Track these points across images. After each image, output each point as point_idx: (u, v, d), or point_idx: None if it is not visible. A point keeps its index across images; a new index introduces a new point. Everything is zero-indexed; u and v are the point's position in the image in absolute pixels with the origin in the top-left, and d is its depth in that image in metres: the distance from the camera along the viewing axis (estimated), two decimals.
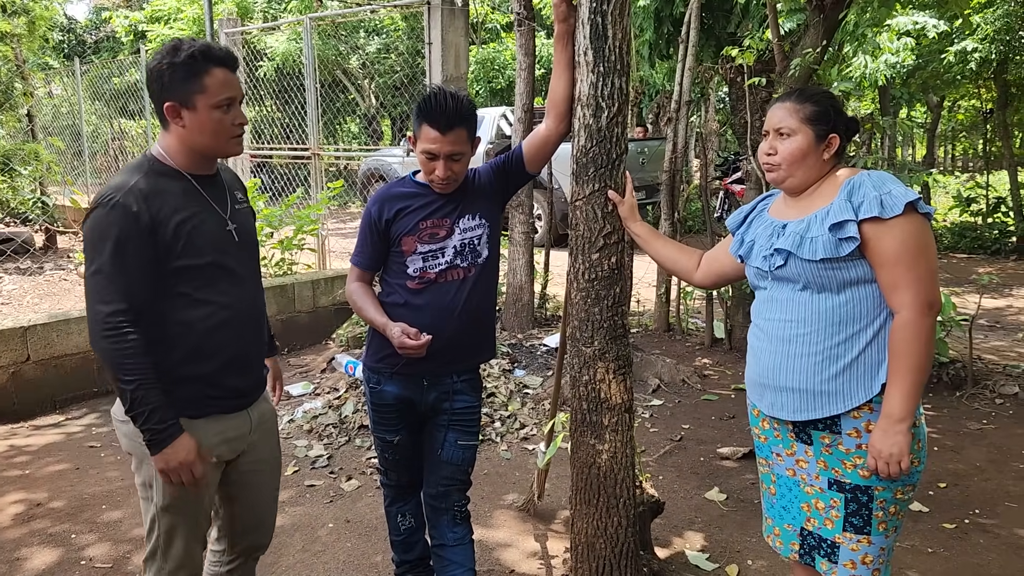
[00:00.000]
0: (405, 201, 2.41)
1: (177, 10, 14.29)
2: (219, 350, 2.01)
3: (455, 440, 2.51)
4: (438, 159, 2.31)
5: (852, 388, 1.89)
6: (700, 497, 3.63)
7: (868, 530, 1.92)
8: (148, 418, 1.86)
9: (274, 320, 5.95)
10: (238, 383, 2.08)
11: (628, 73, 2.48)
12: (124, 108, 12.63)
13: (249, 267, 2.12)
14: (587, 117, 2.47)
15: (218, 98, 1.91)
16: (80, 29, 21.67)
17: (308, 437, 4.31)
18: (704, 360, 5.77)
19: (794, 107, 1.98)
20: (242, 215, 2.12)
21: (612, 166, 2.49)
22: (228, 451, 2.09)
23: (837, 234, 1.85)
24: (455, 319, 2.39)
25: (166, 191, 1.92)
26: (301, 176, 8.69)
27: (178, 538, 2.03)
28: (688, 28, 5.92)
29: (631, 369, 2.66)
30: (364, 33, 14.27)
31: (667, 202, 6.10)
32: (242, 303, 2.05)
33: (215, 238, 2.00)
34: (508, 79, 14.67)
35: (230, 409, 2.07)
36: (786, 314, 1.98)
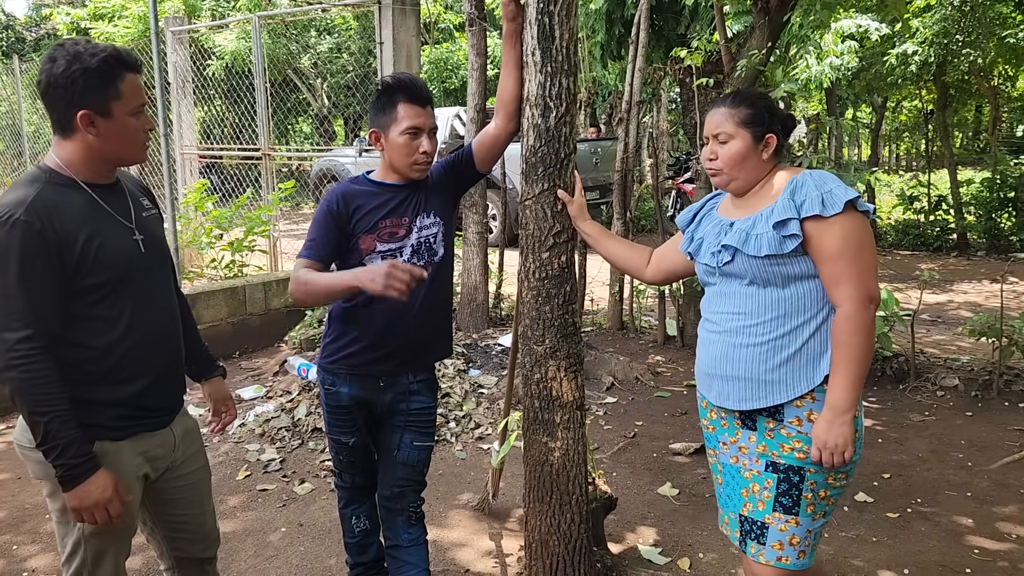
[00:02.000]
0: (363, 199, 2.38)
1: (122, 7, 13.98)
2: (136, 369, 1.91)
3: (411, 441, 2.51)
4: (422, 133, 2.31)
5: (795, 378, 1.95)
6: (653, 492, 3.68)
7: (796, 511, 1.98)
8: (62, 453, 1.74)
9: (225, 323, 5.86)
10: (158, 401, 1.99)
11: (576, 73, 2.50)
12: None
13: (161, 278, 2.03)
14: (535, 117, 2.49)
15: (133, 104, 1.86)
16: (19, 26, 21.05)
17: (260, 441, 4.25)
18: (657, 357, 5.83)
19: (729, 112, 2.04)
20: (150, 223, 2.03)
21: (561, 165, 2.51)
22: (152, 469, 2.01)
23: (781, 231, 1.91)
24: (413, 318, 2.37)
25: (68, 205, 1.81)
26: (252, 177, 8.57)
27: (107, 561, 1.96)
28: (638, 30, 5.97)
29: (582, 367, 2.68)
30: (315, 32, 14.13)
31: (619, 201, 6.16)
32: (156, 317, 1.97)
33: (122, 252, 1.89)
34: (461, 79, 14.65)
35: (152, 428, 1.98)
36: (733, 307, 2.04)
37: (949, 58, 9.88)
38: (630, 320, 6.54)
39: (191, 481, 2.14)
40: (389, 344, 2.36)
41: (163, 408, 2.02)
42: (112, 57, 1.82)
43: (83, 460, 1.77)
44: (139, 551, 3.06)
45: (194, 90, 8.96)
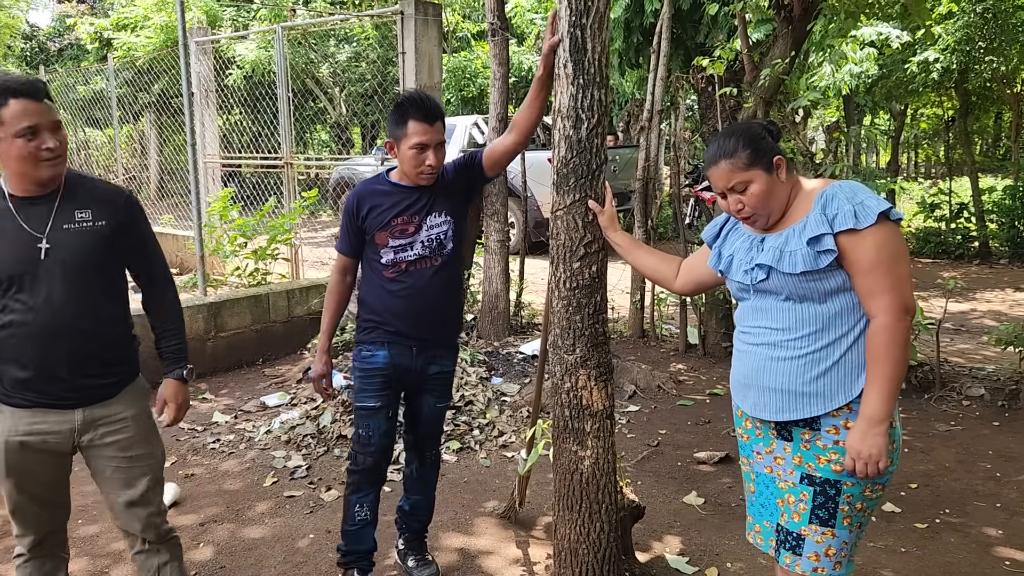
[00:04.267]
0: (379, 199, 2.70)
1: (144, 18, 14.13)
2: (17, 357, 2.14)
3: (434, 403, 2.88)
4: (429, 148, 2.59)
5: (833, 390, 1.95)
6: (678, 501, 3.68)
7: (833, 523, 1.98)
8: None
9: (249, 330, 5.91)
10: (46, 387, 2.18)
11: (607, 85, 2.53)
12: (90, 117, 12.46)
13: (63, 284, 2.15)
14: (567, 128, 2.51)
15: (16, 128, 2.04)
16: (43, 36, 21.32)
17: (286, 448, 4.28)
18: (679, 366, 5.83)
19: (731, 163, 2.00)
20: (71, 234, 2.17)
21: (592, 176, 2.54)
22: (43, 442, 2.21)
23: (815, 247, 1.91)
24: (428, 301, 2.71)
25: None
26: (271, 185, 8.64)
27: (6, 498, 2.24)
28: (659, 38, 5.99)
29: (612, 376, 2.70)
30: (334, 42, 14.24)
31: (640, 209, 6.17)
32: (45, 317, 2.13)
33: (13, 255, 2.11)
34: (479, 87, 14.70)
35: (39, 405, 2.19)
36: (770, 322, 2.04)
37: (971, 65, 9.83)
38: (651, 328, 6.54)
39: (108, 465, 2.31)
40: (414, 320, 2.72)
41: (53, 394, 2.20)
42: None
43: None
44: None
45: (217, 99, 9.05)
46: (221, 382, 5.53)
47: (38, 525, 2.30)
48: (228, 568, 3.14)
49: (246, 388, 5.38)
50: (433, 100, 2.63)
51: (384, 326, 2.73)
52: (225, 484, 3.90)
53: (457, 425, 4.51)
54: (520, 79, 14.25)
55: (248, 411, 4.91)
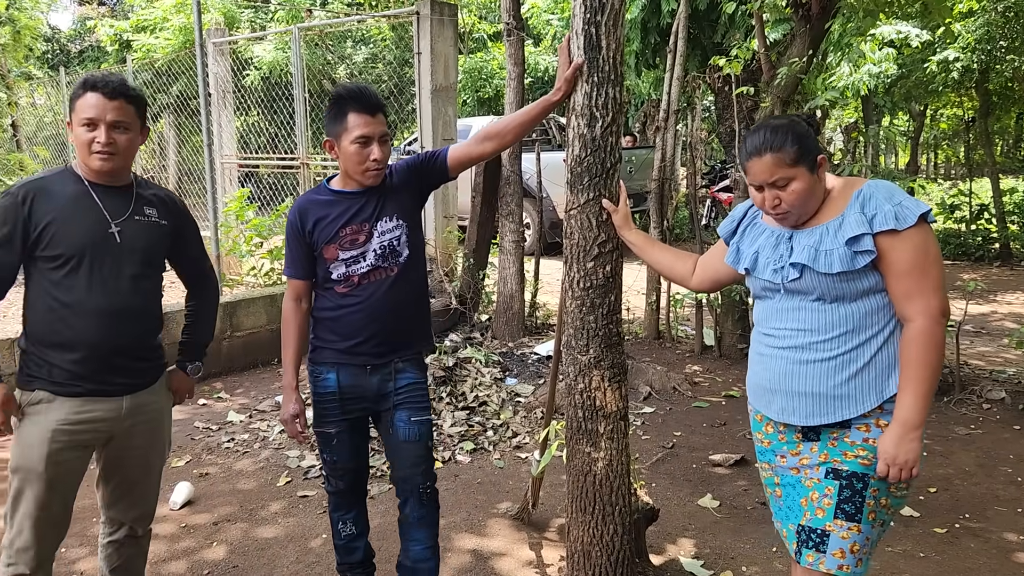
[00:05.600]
0: (324, 210, 2.47)
1: (163, 20, 14.22)
2: (71, 338, 2.19)
3: (408, 417, 2.53)
4: (372, 141, 2.38)
5: (864, 392, 1.92)
6: (693, 504, 3.65)
7: (859, 518, 1.95)
8: None
9: (264, 330, 5.93)
10: (96, 373, 2.22)
11: (622, 83, 2.51)
12: None
13: (126, 271, 2.25)
14: (581, 127, 2.50)
15: (80, 117, 2.18)
16: (64, 39, 21.53)
17: (300, 447, 4.28)
18: (694, 367, 5.79)
19: (779, 156, 1.93)
20: (140, 226, 2.29)
21: (606, 175, 2.52)
22: (89, 431, 2.24)
23: (853, 247, 1.87)
24: (385, 315, 2.48)
25: (56, 192, 2.21)
26: (288, 185, 8.67)
27: (24, 501, 2.18)
28: (676, 38, 5.96)
29: (626, 377, 2.67)
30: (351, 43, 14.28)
31: (656, 210, 6.14)
32: (103, 301, 2.20)
33: (88, 233, 2.20)
34: (495, 88, 14.69)
35: (93, 394, 2.22)
36: (797, 323, 1.99)
37: (992, 64, 9.71)
38: (666, 330, 6.50)
39: (136, 454, 2.37)
40: (368, 338, 2.47)
41: (103, 380, 2.24)
42: (81, 81, 2.21)
43: None
44: None
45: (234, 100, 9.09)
46: (236, 381, 5.55)
47: (51, 537, 2.25)
48: (241, 567, 3.14)
49: (261, 388, 5.39)
50: (372, 91, 2.44)
51: (332, 346, 2.51)
52: (239, 483, 3.91)
53: (471, 426, 4.50)
54: (536, 80, 14.23)
55: (263, 411, 4.92)
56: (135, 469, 2.40)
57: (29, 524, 2.19)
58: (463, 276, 6.57)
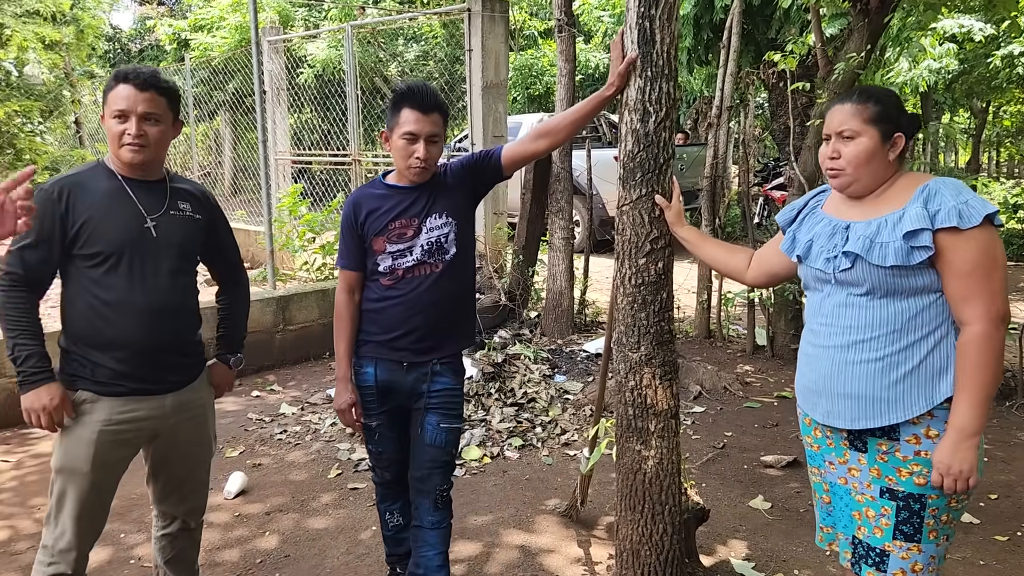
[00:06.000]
0: (376, 202, 2.52)
1: (220, 19, 14.52)
2: (114, 337, 2.18)
3: (437, 423, 2.55)
4: (418, 140, 2.40)
5: (913, 396, 1.85)
6: (744, 505, 3.59)
7: (918, 538, 1.89)
8: (23, 362, 2.14)
9: (316, 324, 6.01)
10: (140, 371, 2.22)
11: (676, 77, 2.48)
12: None
13: (164, 267, 2.25)
14: (634, 122, 2.48)
15: (111, 109, 2.16)
16: (124, 38, 22.11)
17: (350, 440, 4.34)
18: (746, 367, 5.71)
19: (857, 108, 1.91)
20: (175, 220, 2.29)
21: (659, 171, 2.49)
22: (133, 430, 2.25)
23: (911, 242, 1.80)
24: (426, 310, 2.49)
25: (91, 188, 2.19)
26: (339, 181, 8.78)
27: (68, 501, 2.20)
28: (730, 34, 5.88)
29: (677, 375, 2.65)
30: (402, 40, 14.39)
31: (708, 208, 6.07)
32: (143, 298, 2.20)
33: (125, 231, 2.18)
34: (545, 85, 14.67)
35: (137, 392, 2.23)
36: (845, 319, 1.93)
37: None
38: (717, 329, 6.42)
39: (182, 450, 2.40)
40: (407, 332, 2.50)
41: (147, 379, 2.24)
42: (113, 74, 2.21)
43: (38, 371, 2.15)
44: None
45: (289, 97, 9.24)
46: (288, 374, 5.64)
47: (91, 537, 2.29)
48: (292, 557, 3.19)
49: (312, 381, 5.48)
50: (432, 92, 2.45)
51: (373, 338, 2.55)
52: (291, 474, 3.98)
53: (519, 422, 4.51)
54: (586, 77, 14.17)
55: (314, 403, 5.00)
56: (182, 466, 2.42)
57: (72, 525, 2.21)
58: (512, 273, 6.58)
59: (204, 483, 2.53)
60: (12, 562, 3.10)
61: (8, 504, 3.62)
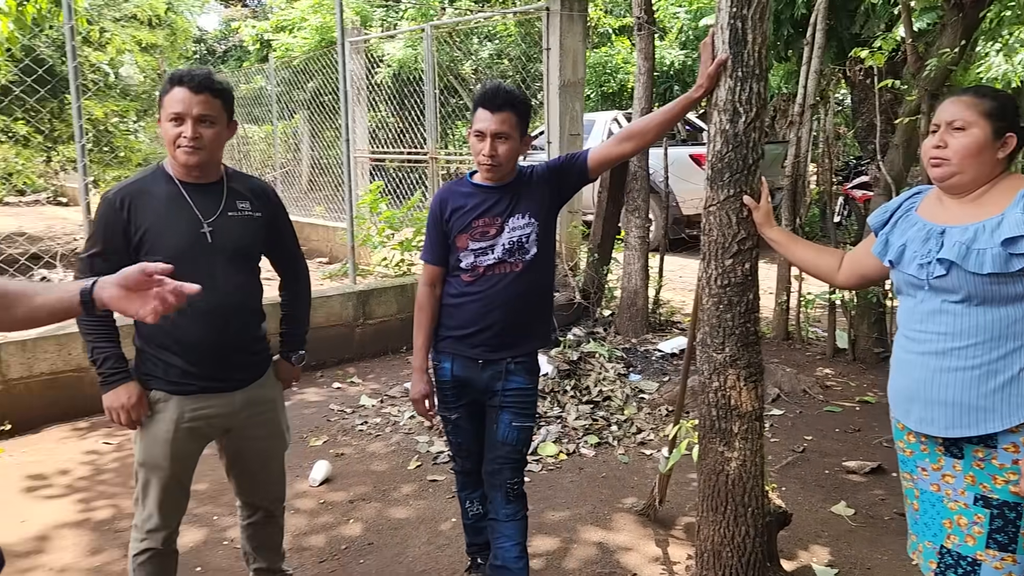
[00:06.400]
0: (462, 200, 2.58)
1: (301, 19, 14.90)
2: (182, 340, 2.26)
3: (509, 421, 2.60)
4: (486, 137, 2.45)
5: (1012, 405, 1.80)
6: (826, 511, 3.54)
7: (1013, 548, 1.84)
8: (102, 364, 2.26)
9: (394, 319, 6.14)
10: (208, 371, 2.31)
11: (767, 78, 2.46)
12: (249, 114, 13.27)
13: (225, 268, 2.30)
14: (723, 122, 2.47)
15: (167, 112, 2.21)
16: (210, 39, 22.90)
17: (429, 433, 4.43)
18: (826, 371, 5.59)
19: (973, 101, 1.88)
20: (233, 221, 2.33)
21: (748, 171, 2.48)
22: (206, 426, 2.36)
23: (1010, 249, 1.76)
24: (503, 308, 2.54)
25: (151, 194, 2.26)
26: (412, 179, 8.92)
27: (152, 490, 2.34)
28: (814, 30, 5.76)
29: (762, 377, 2.63)
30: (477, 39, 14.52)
31: (788, 207, 5.95)
32: (205, 301, 2.17)
33: (183, 237, 2.25)
34: (619, 83, 14.58)
35: (206, 390, 2.32)
36: (940, 326, 1.89)
37: None
38: (796, 331, 6.30)
39: (254, 446, 2.49)
40: (484, 329, 2.56)
41: (215, 378, 2.33)
42: (169, 76, 2.25)
43: (116, 371, 2.26)
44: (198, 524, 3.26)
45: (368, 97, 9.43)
46: (368, 367, 5.78)
47: (176, 516, 2.42)
48: (376, 544, 3.28)
49: (391, 374, 5.60)
50: (504, 90, 2.49)
51: (451, 333, 2.62)
52: (372, 465, 4.08)
53: (595, 420, 4.53)
54: (661, 74, 14.03)
55: (393, 396, 5.11)
56: (256, 460, 2.52)
57: (156, 509, 2.35)
58: (587, 271, 6.59)
59: (280, 475, 2.63)
60: (116, 539, 3.28)
61: (111, 484, 3.83)
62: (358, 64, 9.53)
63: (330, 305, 5.83)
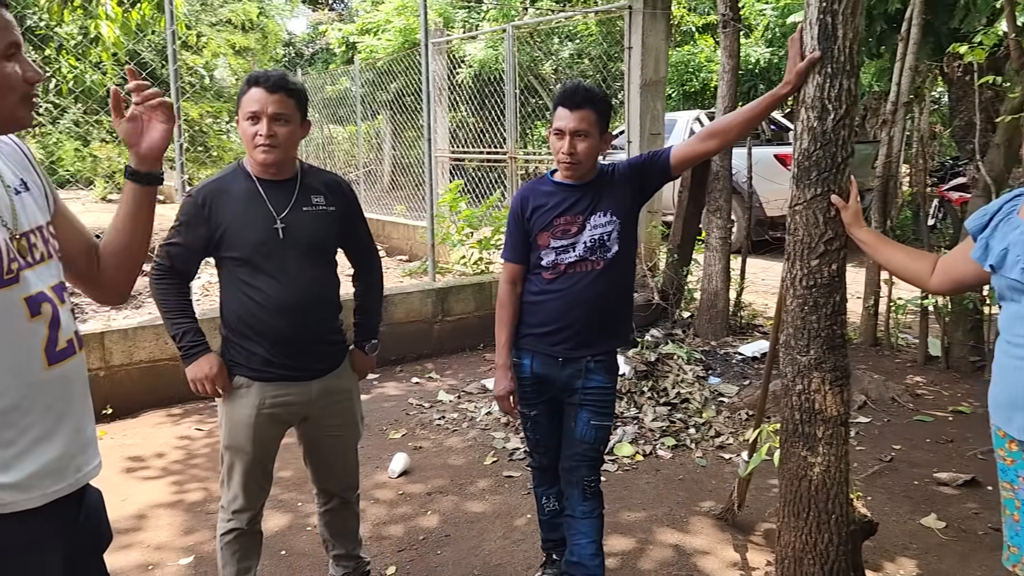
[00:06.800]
0: (543, 199, 2.59)
1: (386, 21, 15.21)
2: (261, 329, 2.35)
3: (588, 419, 2.61)
4: (564, 135, 2.46)
5: None
6: (914, 523, 3.41)
7: None
8: (182, 338, 2.38)
9: (472, 316, 6.20)
10: (286, 359, 2.39)
11: (857, 74, 2.39)
12: (334, 115, 13.62)
13: (299, 262, 2.38)
14: (811, 120, 2.41)
15: (244, 111, 2.30)
16: (299, 42, 23.60)
17: (505, 430, 4.46)
18: (916, 379, 5.39)
19: None
20: (307, 216, 2.40)
21: (836, 170, 2.41)
22: (285, 412, 2.45)
23: None
24: (584, 307, 2.55)
25: (230, 192, 2.36)
26: (491, 179, 8.99)
27: (237, 472, 2.45)
28: (909, 25, 5.55)
29: (849, 381, 2.56)
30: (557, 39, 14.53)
31: (879, 209, 5.76)
32: (284, 293, 2.34)
33: (258, 233, 2.33)
34: (701, 82, 14.37)
35: (282, 378, 2.40)
36: None
37: None
38: (885, 337, 6.09)
39: (329, 434, 2.57)
40: (564, 327, 2.56)
41: (293, 367, 2.41)
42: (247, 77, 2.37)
43: (196, 344, 2.39)
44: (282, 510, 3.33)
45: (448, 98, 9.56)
46: (446, 363, 5.86)
47: (260, 498, 2.53)
48: (452, 537, 3.33)
49: (468, 370, 5.66)
50: (583, 88, 2.51)
51: (531, 331, 2.64)
52: (449, 459, 4.14)
53: (672, 422, 4.48)
54: (747, 72, 13.75)
55: (470, 392, 5.17)
56: (331, 449, 2.60)
57: (242, 491, 2.47)
58: (666, 271, 6.53)
59: (354, 463, 2.71)
60: (207, 520, 3.43)
61: (202, 468, 4.00)
62: (440, 65, 9.66)
63: (410, 302, 5.93)
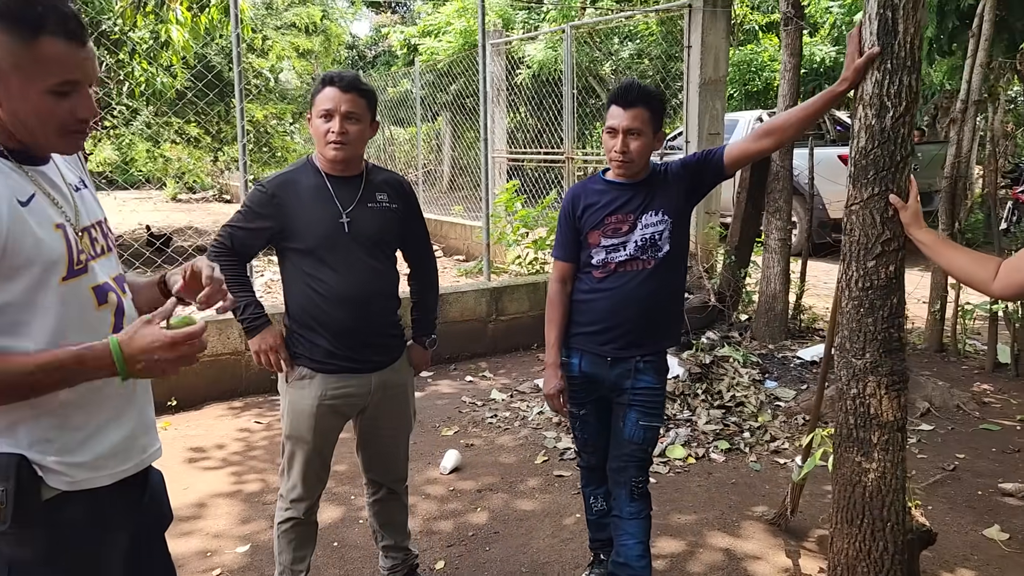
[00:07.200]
0: (594, 197, 2.58)
1: (446, 23, 15.36)
2: (324, 321, 2.41)
3: (636, 420, 2.59)
4: (617, 133, 2.46)
5: None
6: (976, 534, 3.30)
7: None
8: (243, 311, 2.47)
9: (526, 316, 6.22)
10: (347, 351, 2.44)
11: (919, 71, 2.33)
12: (395, 116, 13.80)
13: (360, 256, 2.43)
14: (869, 117, 2.36)
15: (318, 109, 2.37)
16: (361, 45, 23.97)
17: (556, 429, 4.47)
18: (983, 386, 5.20)
19: None
20: (371, 212, 2.46)
21: (895, 169, 2.36)
22: (345, 404, 2.50)
23: None
24: (634, 306, 2.54)
25: (299, 185, 2.44)
26: (548, 179, 8.99)
27: (297, 461, 2.51)
28: (981, 21, 5.37)
29: (906, 386, 2.49)
30: (617, 39, 14.45)
31: (946, 211, 5.58)
32: (345, 285, 2.40)
33: (324, 226, 2.39)
34: (764, 81, 14.11)
35: (343, 370, 2.46)
36: None
37: None
38: (951, 342, 5.90)
39: (384, 427, 2.63)
40: (614, 326, 2.55)
41: (354, 359, 2.46)
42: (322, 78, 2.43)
43: (256, 318, 2.48)
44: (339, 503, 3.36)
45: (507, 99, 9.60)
46: (499, 362, 5.89)
47: (317, 488, 2.59)
48: (501, 534, 3.35)
49: (521, 370, 5.68)
50: (636, 87, 2.48)
51: (581, 329, 2.63)
52: (500, 457, 4.17)
53: (726, 425, 4.42)
54: (810, 71, 13.47)
55: (523, 392, 5.19)
56: (385, 440, 2.67)
57: (301, 480, 2.53)
58: (723, 273, 6.43)
59: (404, 455, 2.77)
60: (264, 511, 3.52)
61: (261, 460, 4.11)
62: (498, 66, 9.71)
63: (464, 301, 5.98)
